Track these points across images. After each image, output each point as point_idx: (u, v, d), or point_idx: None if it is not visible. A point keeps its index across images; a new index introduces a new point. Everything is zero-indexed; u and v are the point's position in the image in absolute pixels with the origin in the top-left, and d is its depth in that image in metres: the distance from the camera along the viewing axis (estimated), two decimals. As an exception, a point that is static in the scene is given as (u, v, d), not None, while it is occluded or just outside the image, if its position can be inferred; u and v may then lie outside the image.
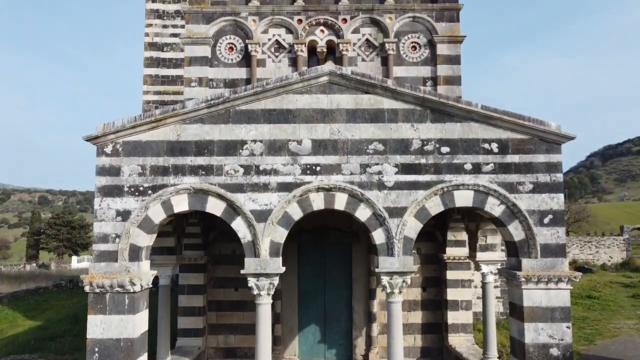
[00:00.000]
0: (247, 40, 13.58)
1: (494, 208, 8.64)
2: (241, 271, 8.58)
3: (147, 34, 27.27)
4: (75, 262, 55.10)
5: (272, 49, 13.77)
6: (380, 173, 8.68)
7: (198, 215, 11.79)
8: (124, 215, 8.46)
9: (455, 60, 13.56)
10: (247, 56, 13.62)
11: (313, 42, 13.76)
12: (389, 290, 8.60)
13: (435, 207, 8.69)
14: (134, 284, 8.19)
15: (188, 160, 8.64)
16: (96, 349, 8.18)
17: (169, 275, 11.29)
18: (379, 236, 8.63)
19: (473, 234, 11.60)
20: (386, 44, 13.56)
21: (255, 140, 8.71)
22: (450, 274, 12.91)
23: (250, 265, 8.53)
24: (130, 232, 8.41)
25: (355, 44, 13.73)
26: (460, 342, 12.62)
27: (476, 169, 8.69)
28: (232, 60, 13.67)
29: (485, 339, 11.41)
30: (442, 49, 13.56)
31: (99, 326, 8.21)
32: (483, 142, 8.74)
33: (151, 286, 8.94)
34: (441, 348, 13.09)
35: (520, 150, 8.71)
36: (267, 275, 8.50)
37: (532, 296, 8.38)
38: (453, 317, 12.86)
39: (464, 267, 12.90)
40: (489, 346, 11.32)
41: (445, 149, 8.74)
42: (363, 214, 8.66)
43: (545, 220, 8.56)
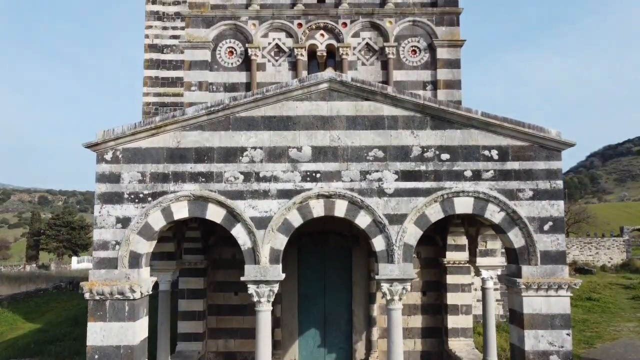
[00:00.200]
0: (247, 44, 13.58)
1: (494, 215, 8.64)
2: (241, 278, 8.58)
3: (147, 36, 27.28)
4: (75, 263, 55.14)
5: (272, 53, 13.76)
6: (380, 180, 8.68)
7: (198, 220, 11.77)
8: (124, 222, 8.46)
9: (455, 64, 13.55)
10: (247, 60, 13.62)
11: (313, 46, 13.76)
12: (389, 297, 8.60)
13: (435, 214, 8.69)
14: (133, 291, 8.19)
15: (188, 167, 8.64)
16: (96, 356, 8.18)
17: (169, 281, 11.30)
18: (379, 243, 8.63)
19: (473, 239, 11.60)
20: (386, 48, 13.55)
21: (255, 147, 8.71)
22: (450, 278, 12.91)
23: (250, 272, 8.53)
24: (130, 239, 8.41)
25: (355, 48, 13.72)
26: (460, 347, 12.62)
27: (476, 175, 8.69)
28: (232, 64, 13.66)
29: (485, 343, 11.42)
30: (442, 53, 13.56)
31: (99, 333, 8.21)
32: (483, 149, 8.74)
33: (150, 292, 8.94)
34: (441, 352, 13.10)
35: (520, 157, 8.71)
36: (267, 282, 8.50)
37: (532, 303, 8.38)
38: (453, 322, 12.86)
39: (464, 272, 12.90)
40: (489, 351, 11.33)
41: (445, 156, 8.73)
42: (363, 220, 8.66)
43: (545, 227, 8.56)
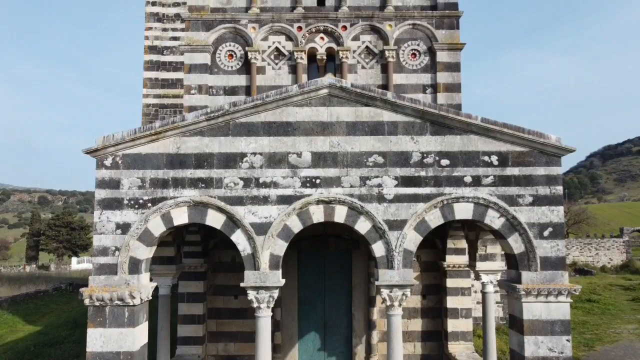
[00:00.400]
0: (247, 48, 13.56)
1: (494, 221, 8.64)
2: (241, 284, 8.58)
3: (147, 37, 27.28)
4: (75, 264, 55.15)
5: (272, 56, 13.75)
6: (380, 186, 8.67)
7: (198, 224, 11.77)
8: (124, 228, 8.46)
9: (455, 67, 13.54)
10: (247, 63, 13.60)
11: (313, 50, 13.74)
12: (388, 303, 8.59)
13: (435, 220, 8.70)
14: (133, 297, 8.18)
15: (188, 173, 8.64)
16: (96, 363, 8.17)
17: (169, 285, 11.29)
18: (378, 249, 8.63)
19: (473, 244, 11.60)
20: (386, 52, 13.54)
21: (255, 153, 8.71)
22: (450, 282, 12.92)
23: (249, 278, 8.53)
24: (130, 245, 8.41)
25: (355, 51, 13.71)
26: (460, 350, 12.63)
27: (476, 181, 8.68)
28: (232, 67, 13.65)
29: (485, 347, 11.41)
30: (442, 57, 13.54)
31: (99, 339, 8.21)
32: (483, 155, 8.74)
33: (150, 298, 8.93)
34: (441, 356, 13.10)
35: (520, 162, 8.71)
36: (267, 288, 8.50)
37: (532, 309, 8.39)
38: (453, 325, 12.87)
39: (463, 275, 12.91)
40: (488, 355, 11.31)
41: (445, 162, 8.73)
42: (363, 226, 8.66)
43: (545, 233, 8.56)
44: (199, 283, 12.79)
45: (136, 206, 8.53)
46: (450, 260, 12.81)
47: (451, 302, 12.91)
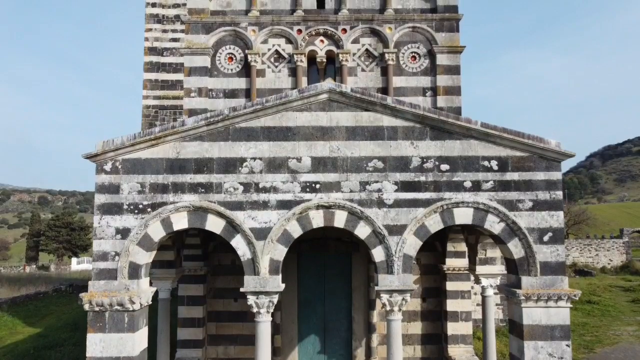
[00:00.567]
0: (247, 51, 13.55)
1: (494, 226, 8.64)
2: (241, 289, 8.58)
3: (147, 39, 27.28)
4: (75, 264, 55.14)
5: (272, 59, 13.74)
6: (379, 191, 8.67)
7: (197, 227, 11.78)
8: (124, 233, 8.46)
9: (455, 70, 13.53)
10: (247, 66, 13.59)
11: (313, 52, 13.73)
12: (388, 308, 8.59)
13: (435, 225, 8.70)
14: (133, 302, 8.19)
15: (187, 178, 8.64)
16: (96, 368, 8.17)
17: (169, 289, 11.29)
18: (378, 254, 8.63)
19: (473, 247, 11.60)
20: (386, 54, 13.53)
21: (254, 158, 8.71)
22: (450, 285, 12.91)
23: (249, 283, 8.53)
24: (130, 250, 8.41)
25: (355, 54, 13.70)
26: (460, 353, 12.63)
27: (476, 186, 8.68)
28: (232, 70, 13.64)
29: (485, 352, 11.41)
30: (442, 59, 13.53)
31: (99, 344, 8.21)
32: (483, 160, 8.74)
33: (150, 303, 8.93)
34: (441, 359, 13.10)
35: (520, 167, 8.71)
36: (267, 293, 8.50)
37: (532, 314, 8.38)
38: (453, 328, 12.87)
39: (463, 278, 12.90)
40: (488, 358, 11.31)
41: (445, 167, 8.73)
42: (363, 231, 8.66)
43: (545, 238, 8.56)
44: (198, 286, 12.79)
45: (136, 211, 8.53)
46: (450, 263, 12.80)
47: (451, 305, 12.91)
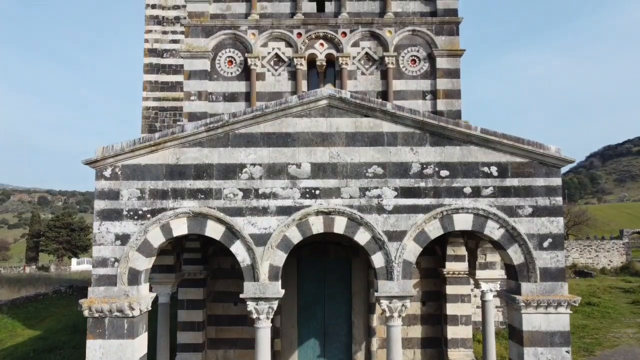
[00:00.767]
0: (247, 54, 13.54)
1: (494, 232, 8.63)
2: (240, 295, 8.58)
3: (147, 40, 27.22)
4: (74, 265, 55.12)
5: (272, 63, 13.73)
6: (379, 197, 8.67)
7: (197, 232, 11.79)
8: (123, 239, 8.45)
9: (454, 73, 13.51)
10: (247, 69, 13.58)
11: (313, 56, 13.72)
12: (388, 314, 8.59)
13: (434, 231, 8.69)
14: (132, 308, 8.18)
15: (187, 184, 8.63)
16: (95, 374, 8.17)
17: (168, 293, 11.30)
18: (378, 260, 8.62)
19: (472, 252, 11.59)
20: (386, 58, 13.52)
21: (254, 164, 8.70)
22: (450, 289, 12.91)
23: (249, 289, 8.52)
24: (129, 256, 8.40)
25: (354, 58, 13.69)
26: (459, 357, 12.63)
27: (475, 192, 8.68)
28: (232, 73, 13.63)
29: (485, 357, 11.40)
30: (442, 63, 13.52)
31: (98, 351, 8.21)
32: (482, 166, 8.73)
33: (150, 309, 8.93)
34: (441, 363, 13.11)
35: (519, 173, 8.70)
36: (267, 299, 8.50)
37: (532, 320, 8.38)
38: (453, 332, 12.87)
39: (463, 282, 12.89)
40: (488, 363, 11.33)
41: (444, 173, 8.73)
42: (362, 237, 8.66)
43: (545, 244, 8.55)
44: (198, 290, 12.79)
45: (135, 217, 8.52)
46: (450, 267, 12.80)
47: (451, 309, 12.91)
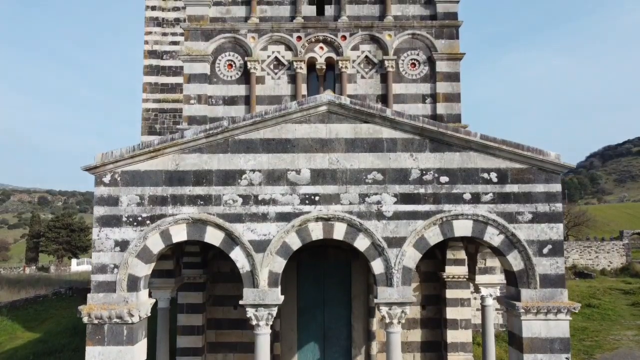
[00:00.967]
0: (246, 57, 13.54)
1: (493, 238, 8.63)
2: (240, 302, 8.57)
3: (147, 42, 27.21)
4: (74, 265, 55.05)
5: (272, 66, 13.72)
6: (379, 203, 8.66)
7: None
8: (123, 245, 8.44)
9: (454, 77, 13.51)
10: (246, 73, 13.57)
11: (312, 59, 13.71)
12: (387, 320, 8.58)
13: (434, 237, 8.68)
14: (132, 315, 8.17)
15: (187, 190, 8.62)
16: (95, 380, 8.16)
17: (168, 298, 11.29)
18: (377, 266, 8.61)
19: (472, 257, 11.59)
20: (385, 61, 13.51)
21: (253, 170, 8.69)
22: (450, 293, 12.91)
23: (248, 295, 8.52)
24: (129, 263, 8.39)
25: (354, 61, 13.68)
26: (459, 361, 12.63)
27: (475, 198, 8.67)
28: (231, 77, 13.62)
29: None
30: (442, 66, 13.52)
31: (97, 357, 8.20)
32: (482, 172, 8.72)
33: (149, 314, 8.92)
34: (440, 367, 13.10)
35: (519, 179, 8.69)
36: (266, 306, 8.49)
37: (532, 327, 8.37)
38: (452, 336, 12.86)
39: (463, 286, 12.89)
40: (488, 367, 11.33)
41: (444, 179, 8.72)
42: (362, 243, 8.65)
43: (545, 251, 8.55)
44: (198, 294, 12.78)
45: (135, 223, 8.51)
46: (450, 271, 12.79)
47: (451, 313, 12.90)
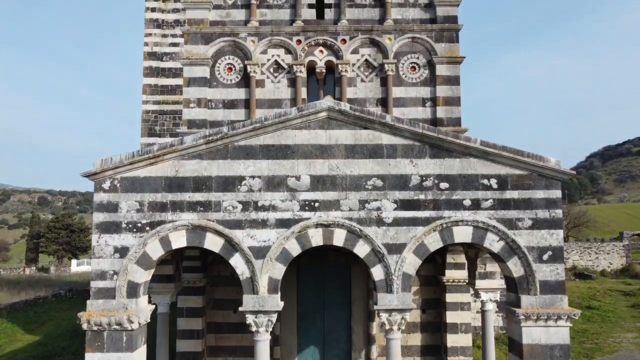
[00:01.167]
0: (246, 61, 13.52)
1: (493, 244, 8.62)
2: (239, 308, 8.56)
3: (147, 44, 27.17)
4: (74, 266, 55.01)
5: (271, 70, 13.70)
6: (379, 209, 8.65)
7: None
8: (122, 252, 8.43)
9: (454, 80, 13.49)
10: (246, 77, 13.55)
11: (312, 63, 13.69)
12: (387, 327, 8.57)
13: (434, 243, 8.68)
14: (131, 321, 8.17)
15: (186, 196, 8.61)
16: (94, 387, 8.16)
17: (168, 303, 11.28)
18: (377, 272, 8.60)
19: (472, 261, 11.58)
20: (385, 65, 13.49)
21: (253, 176, 8.68)
22: (450, 297, 12.89)
23: (248, 302, 8.51)
24: (128, 269, 8.39)
25: (354, 65, 13.66)
26: (459, 366, 12.61)
27: (475, 205, 8.66)
28: (231, 80, 13.60)
29: (485, 365, 11.40)
30: (442, 70, 13.50)
31: (97, 364, 8.19)
32: (482, 178, 8.71)
33: (149, 321, 8.91)
34: (440, 371, 13.09)
35: (519, 186, 8.68)
36: (266, 312, 8.48)
37: (532, 333, 8.36)
38: (452, 340, 12.84)
39: (463, 290, 12.86)
40: (488, 372, 11.32)
41: (444, 185, 8.71)
42: (362, 250, 8.64)
43: (545, 257, 8.53)
44: (198, 298, 12.77)
45: (134, 230, 8.50)
46: (450, 275, 12.77)
47: (451, 317, 12.88)
